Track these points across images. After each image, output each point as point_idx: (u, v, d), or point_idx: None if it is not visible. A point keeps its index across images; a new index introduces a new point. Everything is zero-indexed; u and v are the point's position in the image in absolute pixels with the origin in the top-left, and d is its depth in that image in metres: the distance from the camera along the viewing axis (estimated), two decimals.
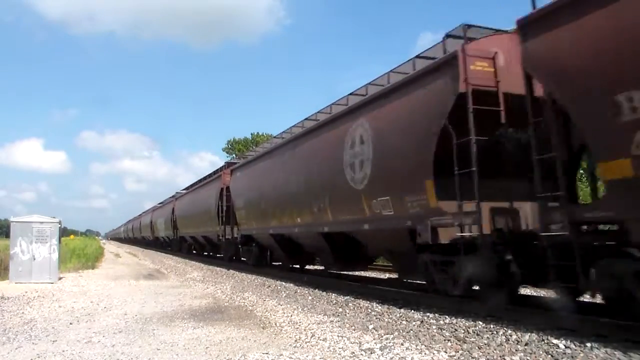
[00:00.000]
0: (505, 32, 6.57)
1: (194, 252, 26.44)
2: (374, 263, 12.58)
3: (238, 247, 16.53)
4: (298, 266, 13.45)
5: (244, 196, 14.68)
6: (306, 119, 11.87)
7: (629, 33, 4.19)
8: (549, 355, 4.33)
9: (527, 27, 5.31)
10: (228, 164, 18.56)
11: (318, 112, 11.22)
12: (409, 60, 8.04)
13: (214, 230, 18.59)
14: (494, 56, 6.36)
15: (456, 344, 4.93)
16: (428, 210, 6.55)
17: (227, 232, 17.11)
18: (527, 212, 6.52)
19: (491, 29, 6.76)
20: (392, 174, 7.29)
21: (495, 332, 5.22)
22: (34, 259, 11.93)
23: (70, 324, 6.47)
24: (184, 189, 28.87)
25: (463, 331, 5.42)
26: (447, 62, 6.45)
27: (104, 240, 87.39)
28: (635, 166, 4.19)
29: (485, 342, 4.92)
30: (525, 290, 7.66)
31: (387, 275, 12.38)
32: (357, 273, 12.26)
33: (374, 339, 5.20)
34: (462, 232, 6.15)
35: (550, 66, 5.01)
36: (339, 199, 8.88)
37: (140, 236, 50.07)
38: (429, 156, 6.36)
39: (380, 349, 4.71)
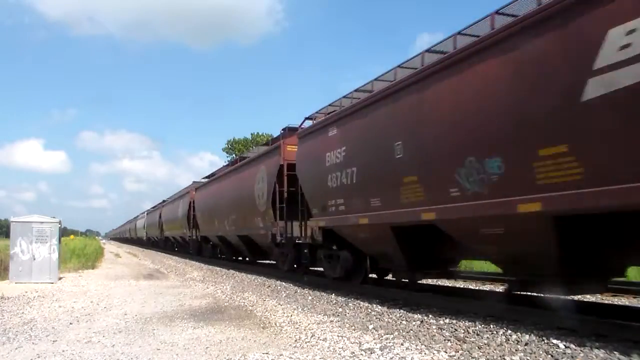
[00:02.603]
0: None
1: (222, 257, 20.16)
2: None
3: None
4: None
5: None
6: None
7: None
8: (549, 355, 4.33)
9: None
10: (290, 129, 12.48)
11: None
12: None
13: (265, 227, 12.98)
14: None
15: (456, 344, 4.93)
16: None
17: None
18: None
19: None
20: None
21: (495, 332, 5.22)
22: (34, 259, 11.93)
23: (70, 324, 6.47)
24: (205, 177, 22.87)
25: (463, 331, 5.42)
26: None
27: (103, 241, 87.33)
28: None
29: (485, 342, 4.92)
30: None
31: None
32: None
33: (374, 339, 5.20)
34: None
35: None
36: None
37: (144, 236, 45.57)
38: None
39: (380, 349, 4.71)
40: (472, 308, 6.39)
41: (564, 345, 4.50)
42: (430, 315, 6.35)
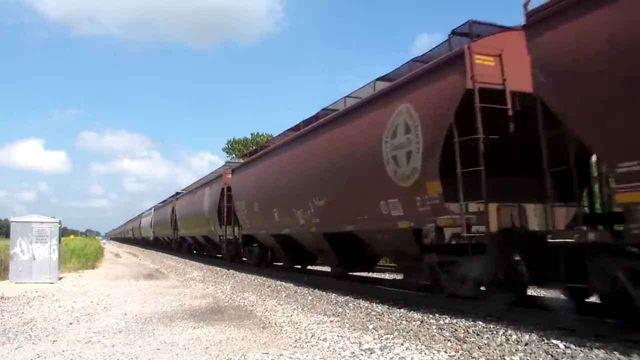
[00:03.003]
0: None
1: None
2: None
3: None
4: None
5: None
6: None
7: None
8: (549, 355, 4.33)
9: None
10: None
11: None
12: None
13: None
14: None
15: (456, 344, 4.93)
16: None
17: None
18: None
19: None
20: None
21: (495, 332, 5.22)
22: (34, 259, 11.93)
23: (70, 324, 6.47)
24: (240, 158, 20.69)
25: (463, 331, 5.42)
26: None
27: (103, 241, 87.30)
28: None
29: (485, 342, 4.91)
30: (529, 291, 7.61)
31: (391, 276, 12.38)
32: (356, 273, 12.24)
33: (374, 339, 5.20)
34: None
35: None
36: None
37: (151, 236, 39.37)
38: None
39: (380, 349, 4.71)
40: (472, 308, 6.39)
41: (564, 345, 4.50)
42: (430, 315, 6.35)
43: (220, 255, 20.08)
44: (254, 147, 21.90)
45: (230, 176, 16.52)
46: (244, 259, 17.03)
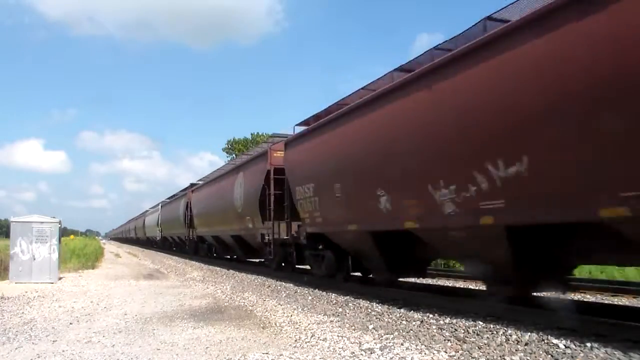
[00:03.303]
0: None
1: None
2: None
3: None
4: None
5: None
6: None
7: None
8: (549, 355, 4.33)
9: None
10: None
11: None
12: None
13: None
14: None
15: (456, 344, 4.93)
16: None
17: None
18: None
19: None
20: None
21: (495, 332, 5.22)
22: (34, 259, 11.93)
23: (70, 324, 6.47)
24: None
25: (463, 331, 5.42)
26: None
27: (103, 241, 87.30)
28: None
29: (485, 342, 4.91)
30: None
31: None
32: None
33: (374, 339, 5.20)
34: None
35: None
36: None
37: (158, 236, 34.18)
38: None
39: (380, 349, 4.71)
40: (472, 308, 6.39)
41: (564, 345, 4.50)
42: (430, 315, 6.35)
43: (261, 260, 15.63)
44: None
45: (280, 153, 12.18)
46: (303, 266, 12.15)
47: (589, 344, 4.44)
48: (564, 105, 4.58)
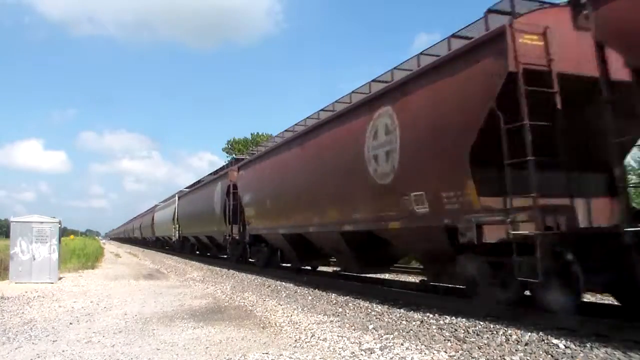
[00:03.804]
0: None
1: None
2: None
3: None
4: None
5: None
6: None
7: None
8: (549, 355, 4.33)
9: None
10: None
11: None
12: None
13: None
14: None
15: (456, 344, 4.93)
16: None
17: None
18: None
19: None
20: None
21: (495, 332, 5.21)
22: (34, 259, 11.93)
23: (70, 324, 6.47)
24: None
25: (463, 331, 5.42)
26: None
27: (103, 241, 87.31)
28: None
29: (485, 342, 4.91)
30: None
31: (391, 276, 12.37)
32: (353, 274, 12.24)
33: (374, 339, 5.20)
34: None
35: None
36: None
37: (175, 236, 27.61)
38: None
39: (380, 349, 4.71)
40: (472, 308, 6.38)
41: (564, 345, 4.50)
42: (430, 315, 6.35)
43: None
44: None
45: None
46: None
47: (589, 344, 4.44)
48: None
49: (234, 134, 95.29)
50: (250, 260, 16.15)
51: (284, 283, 11.10)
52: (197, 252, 25.68)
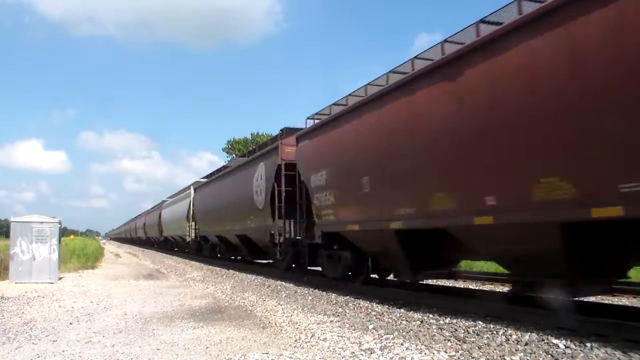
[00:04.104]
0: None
1: None
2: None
3: None
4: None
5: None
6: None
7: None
8: (549, 355, 4.33)
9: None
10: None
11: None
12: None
13: None
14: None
15: (456, 344, 4.93)
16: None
17: None
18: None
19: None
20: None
21: (495, 332, 5.21)
22: (34, 259, 11.94)
23: (70, 324, 6.47)
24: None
25: (463, 331, 5.42)
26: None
27: (103, 241, 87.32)
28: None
29: (485, 342, 4.91)
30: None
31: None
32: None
33: (374, 339, 5.20)
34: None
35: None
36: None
37: (189, 236, 23.78)
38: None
39: (380, 349, 4.71)
40: (472, 308, 6.39)
41: (564, 345, 4.50)
42: (430, 315, 6.35)
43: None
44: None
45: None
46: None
47: (589, 344, 4.44)
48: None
49: (234, 134, 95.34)
50: (311, 268, 11.51)
51: (284, 283, 11.11)
52: (219, 256, 20.24)
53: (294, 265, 12.23)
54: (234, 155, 45.08)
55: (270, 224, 12.53)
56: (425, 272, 7.80)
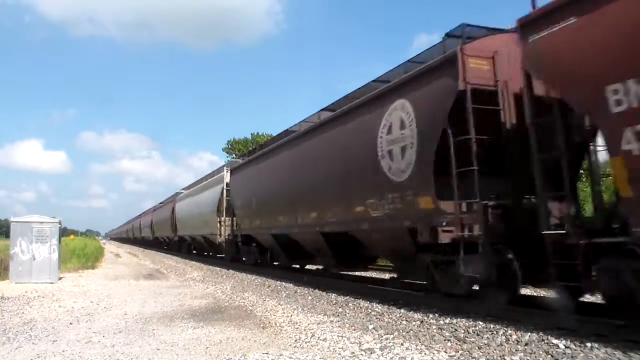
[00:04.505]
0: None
1: None
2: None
3: None
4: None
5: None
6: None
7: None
8: (549, 355, 4.33)
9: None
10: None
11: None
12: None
13: None
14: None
15: (456, 344, 4.93)
16: (429, 209, 6.49)
17: None
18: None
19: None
20: None
21: (495, 332, 5.21)
22: (34, 259, 11.94)
23: (70, 324, 6.47)
24: None
25: (463, 331, 5.42)
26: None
27: (103, 241, 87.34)
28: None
29: (485, 342, 4.91)
30: (525, 291, 7.63)
31: (387, 275, 12.36)
32: (357, 273, 12.24)
33: (374, 339, 5.20)
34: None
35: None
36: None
37: (220, 234, 17.73)
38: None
39: (380, 349, 4.71)
40: (472, 308, 6.38)
41: (564, 345, 4.50)
42: (430, 315, 6.35)
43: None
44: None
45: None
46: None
47: (589, 344, 4.44)
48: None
49: (234, 134, 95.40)
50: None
51: (284, 283, 11.10)
52: (275, 264, 14.45)
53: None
54: (234, 155, 45.06)
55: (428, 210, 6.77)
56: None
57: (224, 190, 17.60)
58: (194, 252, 25.15)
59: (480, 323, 5.65)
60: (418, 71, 7.15)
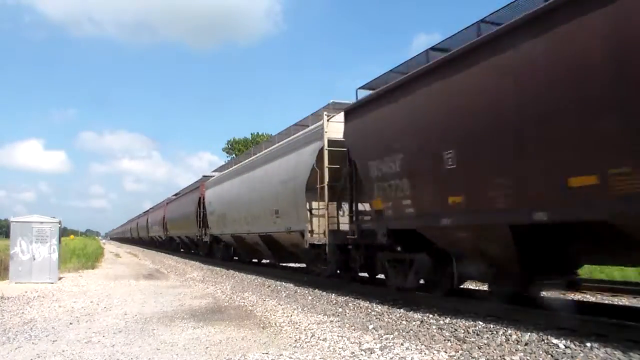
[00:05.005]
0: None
1: None
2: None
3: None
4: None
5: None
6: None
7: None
8: (549, 355, 4.33)
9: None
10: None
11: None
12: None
13: None
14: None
15: (456, 344, 4.93)
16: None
17: None
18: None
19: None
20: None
21: (495, 332, 5.22)
22: (34, 259, 11.94)
23: (70, 324, 6.47)
24: None
25: (463, 331, 5.42)
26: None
27: (103, 241, 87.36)
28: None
29: (485, 342, 4.92)
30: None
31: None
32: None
33: (374, 339, 5.20)
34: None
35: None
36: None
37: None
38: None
39: (380, 349, 4.71)
40: (472, 308, 6.39)
41: (564, 345, 4.50)
42: (430, 315, 6.35)
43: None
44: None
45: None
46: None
47: (589, 344, 4.44)
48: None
49: (234, 134, 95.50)
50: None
51: (284, 283, 11.11)
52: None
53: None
54: (234, 155, 45.08)
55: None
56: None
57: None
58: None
59: (480, 323, 5.65)
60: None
